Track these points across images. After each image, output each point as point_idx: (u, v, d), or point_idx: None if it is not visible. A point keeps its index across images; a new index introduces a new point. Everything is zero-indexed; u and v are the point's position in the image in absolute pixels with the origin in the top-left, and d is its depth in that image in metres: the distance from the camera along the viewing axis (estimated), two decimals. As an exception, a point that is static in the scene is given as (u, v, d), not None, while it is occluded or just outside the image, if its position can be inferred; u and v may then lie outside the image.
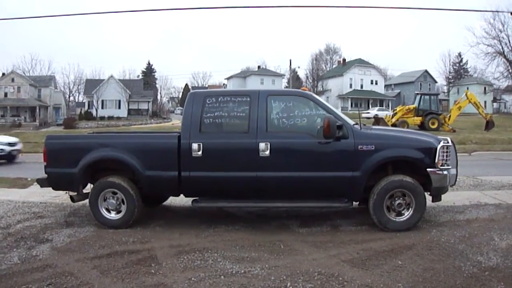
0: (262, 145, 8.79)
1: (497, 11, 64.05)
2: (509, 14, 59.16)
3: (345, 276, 6.49)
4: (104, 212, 9.34)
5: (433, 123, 42.50)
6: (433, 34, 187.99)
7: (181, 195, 9.57)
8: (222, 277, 6.54)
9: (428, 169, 8.73)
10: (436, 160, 8.69)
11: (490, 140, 32.34)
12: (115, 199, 9.29)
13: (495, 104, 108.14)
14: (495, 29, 66.19)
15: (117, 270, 6.87)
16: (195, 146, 8.94)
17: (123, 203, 9.26)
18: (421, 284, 6.18)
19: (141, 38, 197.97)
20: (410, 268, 6.74)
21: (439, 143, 8.81)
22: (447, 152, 8.81)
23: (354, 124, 9.16)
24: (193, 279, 6.47)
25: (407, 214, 8.81)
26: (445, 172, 8.78)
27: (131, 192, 9.17)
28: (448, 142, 8.95)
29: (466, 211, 10.31)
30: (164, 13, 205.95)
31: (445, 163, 8.78)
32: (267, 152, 8.78)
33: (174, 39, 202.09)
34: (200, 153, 8.92)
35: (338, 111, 9.63)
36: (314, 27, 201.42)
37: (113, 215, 9.34)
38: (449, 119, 43.56)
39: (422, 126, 41.57)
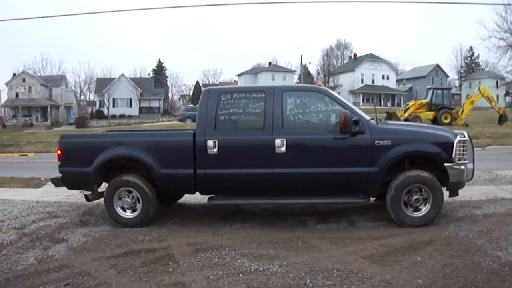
0: (278, 142, 8.75)
1: (509, 4, 63.73)
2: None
3: (365, 272, 6.44)
4: (119, 211, 9.32)
5: (446, 118, 42.22)
6: (444, 28, 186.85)
7: (197, 192, 9.56)
8: (241, 275, 6.51)
9: (445, 164, 8.65)
10: (453, 155, 8.62)
11: (504, 134, 32.15)
12: (131, 197, 9.27)
13: (507, 98, 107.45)
14: (506, 22, 65.50)
15: (135, 269, 6.85)
16: (210, 143, 8.90)
17: (139, 202, 9.24)
18: (442, 280, 6.13)
19: (152, 36, 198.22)
20: (430, 264, 6.68)
21: (456, 138, 8.74)
22: (464, 146, 8.75)
23: (370, 119, 9.10)
24: (211, 277, 6.44)
25: (424, 209, 8.74)
26: (462, 167, 8.72)
27: (147, 191, 9.14)
28: (464, 137, 8.88)
29: (483, 206, 10.20)
30: (174, 10, 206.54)
31: (462, 158, 8.72)
32: (283, 149, 8.74)
33: (185, 36, 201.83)
34: (215, 150, 8.89)
35: (354, 106, 9.56)
36: (325, 22, 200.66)
37: (128, 214, 9.33)
38: (462, 114, 43.34)
39: (435, 121, 41.29)
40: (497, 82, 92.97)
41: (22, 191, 13.94)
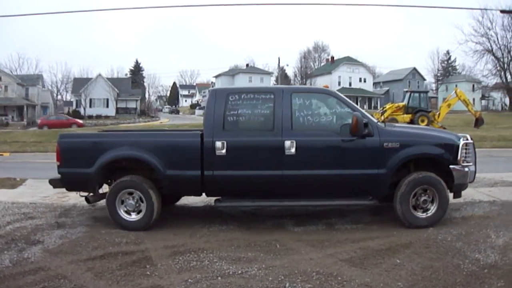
0: (287, 143, 8.71)
1: (486, 9, 64.34)
2: (498, 12, 59.40)
3: (344, 275, 6.44)
4: (122, 214, 9.10)
5: (422, 121, 42.58)
6: (421, 32, 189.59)
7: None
8: (219, 278, 6.46)
9: (450, 166, 8.81)
10: (458, 157, 8.80)
11: (480, 137, 32.32)
12: (135, 200, 9.06)
13: (483, 101, 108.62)
14: (483, 27, 66.55)
15: (112, 272, 6.75)
16: (218, 144, 8.79)
17: (142, 203, 9.02)
18: (421, 283, 6.16)
19: (130, 36, 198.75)
20: (409, 267, 6.71)
21: (461, 140, 8.92)
22: (467, 149, 8.97)
23: (378, 122, 9.18)
24: (189, 280, 6.38)
25: (430, 210, 8.86)
26: (466, 169, 8.91)
27: (151, 193, 8.95)
28: (468, 139, 9.09)
29: (461, 208, 10.30)
30: (152, 11, 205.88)
31: (466, 160, 8.92)
32: (293, 150, 8.71)
33: (162, 37, 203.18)
34: (224, 151, 8.78)
35: (361, 109, 9.57)
36: (302, 25, 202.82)
37: (131, 216, 9.10)
38: (438, 117, 43.70)
39: (412, 124, 41.54)
40: (473, 86, 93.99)
41: (-3, 192, 13.71)
